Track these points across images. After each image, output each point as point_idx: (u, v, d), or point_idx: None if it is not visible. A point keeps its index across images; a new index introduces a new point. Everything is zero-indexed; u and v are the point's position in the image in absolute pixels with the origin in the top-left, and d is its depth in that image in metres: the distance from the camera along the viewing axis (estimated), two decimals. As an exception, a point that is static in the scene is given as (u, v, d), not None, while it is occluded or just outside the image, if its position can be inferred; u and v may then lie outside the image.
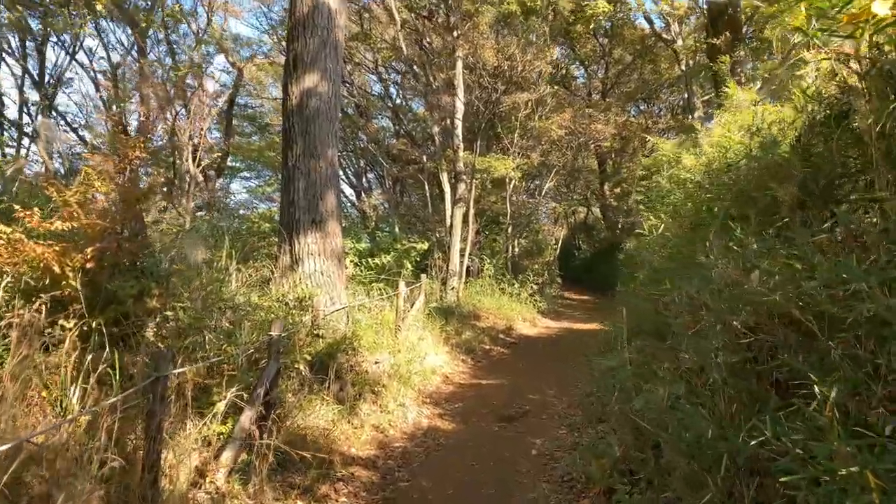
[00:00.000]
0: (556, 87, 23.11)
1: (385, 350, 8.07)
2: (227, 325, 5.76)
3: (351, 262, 11.18)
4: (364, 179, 28.67)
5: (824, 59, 3.26)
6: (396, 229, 17.63)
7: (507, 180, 17.15)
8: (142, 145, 5.21)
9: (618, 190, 25.61)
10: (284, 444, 4.70)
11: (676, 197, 7.14)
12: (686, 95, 25.77)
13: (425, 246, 14.12)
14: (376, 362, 7.76)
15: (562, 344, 12.15)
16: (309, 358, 6.11)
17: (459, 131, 15.31)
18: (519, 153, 16.71)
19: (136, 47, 16.40)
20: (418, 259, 14.17)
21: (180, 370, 4.22)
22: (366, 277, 11.48)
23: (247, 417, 4.50)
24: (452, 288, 14.07)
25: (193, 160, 15.82)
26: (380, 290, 10.07)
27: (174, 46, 18.69)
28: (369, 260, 13.12)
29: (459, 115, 15.04)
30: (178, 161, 16.12)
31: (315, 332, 6.68)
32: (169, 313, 5.17)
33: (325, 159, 7.45)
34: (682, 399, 3.29)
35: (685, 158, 6.52)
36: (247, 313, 6.17)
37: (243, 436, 4.43)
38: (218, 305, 5.95)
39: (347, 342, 7.07)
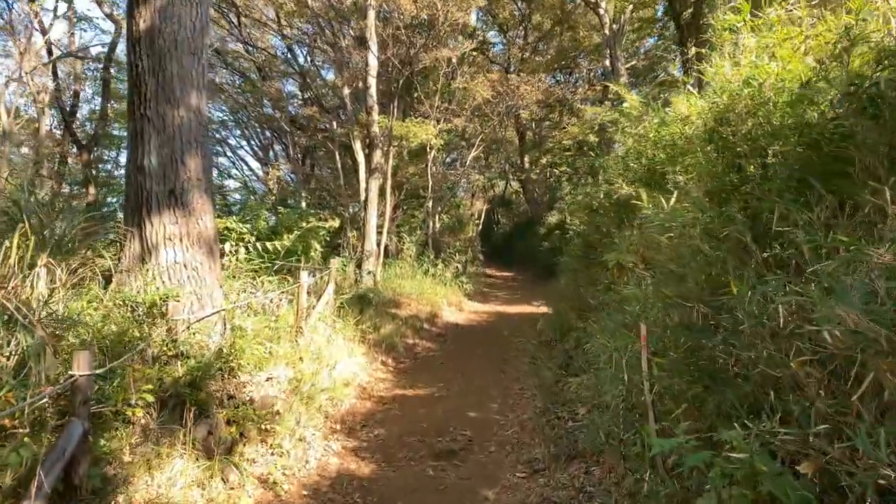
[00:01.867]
0: (475, 53, 21.36)
1: (282, 362, 6.07)
2: (12, 352, 3.61)
3: (243, 245, 8.97)
4: (271, 152, 25.90)
5: None
6: (304, 204, 15.36)
7: (428, 149, 15.22)
8: None
9: (543, 161, 24.18)
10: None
11: (657, 157, 5.48)
12: (609, 62, 24.68)
13: (336, 223, 12.04)
14: (268, 378, 5.77)
15: (495, 333, 10.48)
16: (152, 394, 4.03)
17: (374, 91, 13.19)
18: (441, 118, 14.78)
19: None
20: (328, 239, 12.06)
21: None
22: (261, 265, 9.28)
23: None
24: (369, 272, 12.08)
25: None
26: (278, 281, 7.97)
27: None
28: (268, 243, 10.89)
29: (373, 72, 12.90)
30: None
31: (171, 351, 4.59)
32: None
33: (188, 107, 5.27)
34: None
35: (679, 105, 4.84)
36: (56, 331, 4.02)
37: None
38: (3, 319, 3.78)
39: (222, 361, 5.02)
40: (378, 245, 12.83)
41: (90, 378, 3.28)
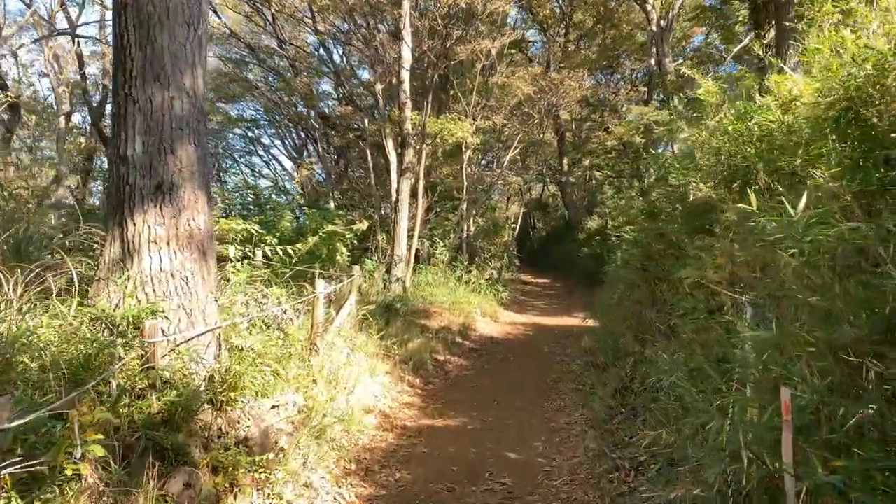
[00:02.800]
0: (514, 51, 20.32)
1: (291, 387, 5.19)
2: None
3: (261, 248, 8.12)
4: (305, 152, 25.26)
5: None
6: (332, 205, 14.54)
7: (464, 148, 14.25)
8: None
9: (585, 163, 22.93)
10: None
11: (743, 153, 4.41)
12: (654, 60, 23.36)
13: (364, 226, 11.16)
14: (273, 407, 4.90)
15: (534, 349, 9.44)
16: (114, 439, 3.15)
17: (406, 86, 12.29)
18: (478, 116, 13.78)
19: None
20: (355, 242, 11.20)
21: None
22: (277, 271, 8.42)
23: None
24: (397, 279, 11.16)
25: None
26: (296, 290, 7.08)
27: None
28: (289, 247, 10.07)
29: (406, 65, 12.00)
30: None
31: (143, 382, 3.71)
32: None
33: (181, 87, 4.40)
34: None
35: (782, 86, 3.78)
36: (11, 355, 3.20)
37: None
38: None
39: (213, 391, 4.13)
40: (408, 249, 11.92)
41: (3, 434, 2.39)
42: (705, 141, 5.28)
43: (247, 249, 7.20)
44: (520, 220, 22.18)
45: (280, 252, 8.10)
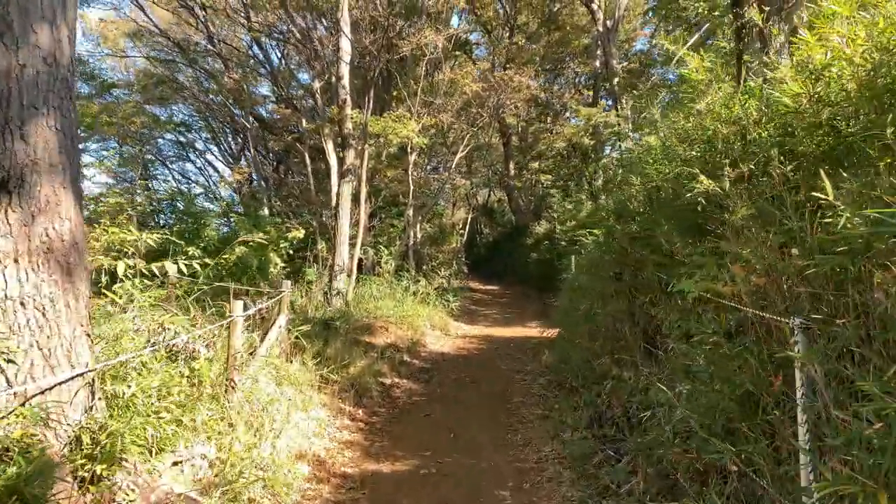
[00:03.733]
0: (459, 53, 19.56)
1: (200, 437, 4.12)
2: None
3: (175, 262, 6.91)
4: (243, 159, 23.72)
5: None
6: (266, 211, 13.31)
7: (409, 150, 13.29)
8: None
9: (535, 164, 22.30)
10: None
11: (756, 136, 3.63)
12: (599, 63, 23.02)
13: (300, 233, 10.03)
14: (175, 463, 3.85)
15: (490, 366, 8.54)
16: None
17: (346, 81, 11.26)
18: (424, 113, 12.85)
19: None
20: (290, 252, 10.07)
21: None
22: (197, 288, 7.24)
23: None
24: (336, 292, 10.09)
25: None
26: (215, 310, 5.95)
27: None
28: (209, 259, 8.89)
29: (346, 57, 10.97)
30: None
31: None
32: None
33: (35, 51, 3.29)
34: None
35: (809, 46, 3.00)
36: None
37: None
38: None
39: (81, 456, 3.04)
40: (350, 258, 10.85)
41: None
42: (695, 127, 4.49)
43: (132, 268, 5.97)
44: (468, 226, 21.38)
45: (198, 265, 6.91)
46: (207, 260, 6.91)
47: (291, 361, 6.55)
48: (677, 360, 3.74)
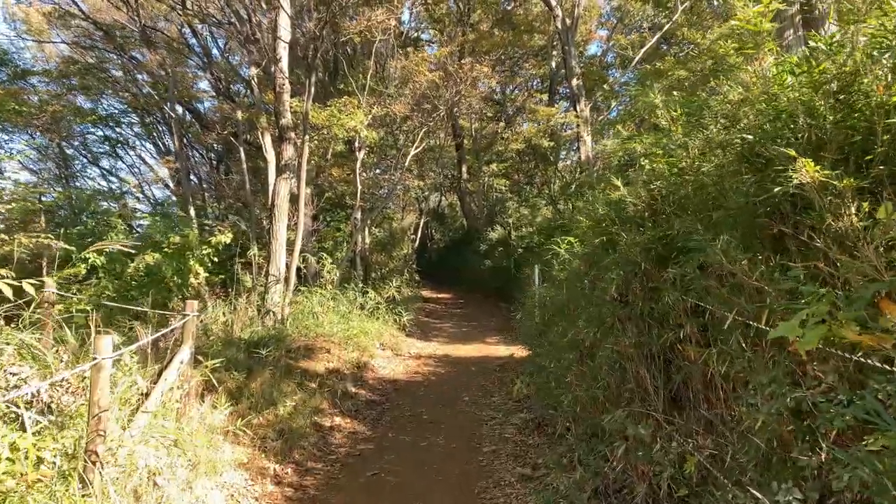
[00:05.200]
0: (411, 49, 18.18)
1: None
2: None
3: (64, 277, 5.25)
4: (184, 163, 21.55)
5: None
6: (192, 211, 11.55)
7: (357, 146, 11.80)
8: None
9: (493, 166, 21.07)
10: None
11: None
12: (554, 64, 22.04)
13: (226, 238, 8.43)
14: None
15: (452, 398, 7.14)
16: None
17: (285, 65, 9.73)
18: (375, 103, 11.37)
19: None
20: (214, 260, 8.44)
21: None
22: (88, 307, 5.60)
23: None
24: (270, 311, 8.52)
25: None
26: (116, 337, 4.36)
27: None
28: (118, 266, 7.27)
29: (285, 35, 9.45)
30: None
31: None
32: None
33: None
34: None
35: None
36: None
37: None
38: None
39: None
40: (288, 268, 9.28)
41: None
42: (747, 99, 3.24)
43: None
44: (419, 231, 20.01)
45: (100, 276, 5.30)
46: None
47: (202, 403, 5.02)
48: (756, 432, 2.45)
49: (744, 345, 2.78)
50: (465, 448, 5.29)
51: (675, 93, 5.54)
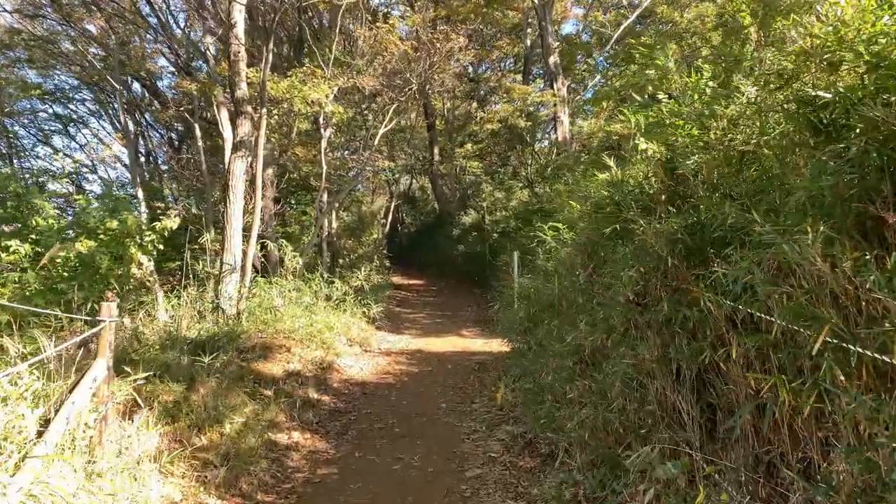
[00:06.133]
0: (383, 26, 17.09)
1: None
2: None
3: None
4: (142, 141, 20.07)
5: None
6: (140, 193, 10.43)
7: (322, 123, 10.80)
8: None
9: (468, 145, 20.15)
10: None
11: None
12: (529, 42, 21.15)
13: (172, 223, 7.42)
14: None
15: (429, 405, 6.33)
16: None
17: (241, 28, 8.70)
18: (341, 75, 10.36)
19: None
20: (157, 247, 7.45)
21: None
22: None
23: None
24: (221, 305, 7.57)
25: None
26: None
27: None
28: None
29: (239, -3, 8.39)
30: None
31: None
32: None
33: None
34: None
35: None
36: None
37: None
38: None
39: None
40: (244, 255, 8.31)
41: None
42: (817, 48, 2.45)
43: None
44: (390, 215, 19.09)
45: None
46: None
47: (129, 424, 4.12)
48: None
49: (841, 375, 2.01)
50: (444, 470, 4.49)
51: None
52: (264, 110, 8.39)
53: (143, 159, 19.31)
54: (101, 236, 6.85)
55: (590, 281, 4.73)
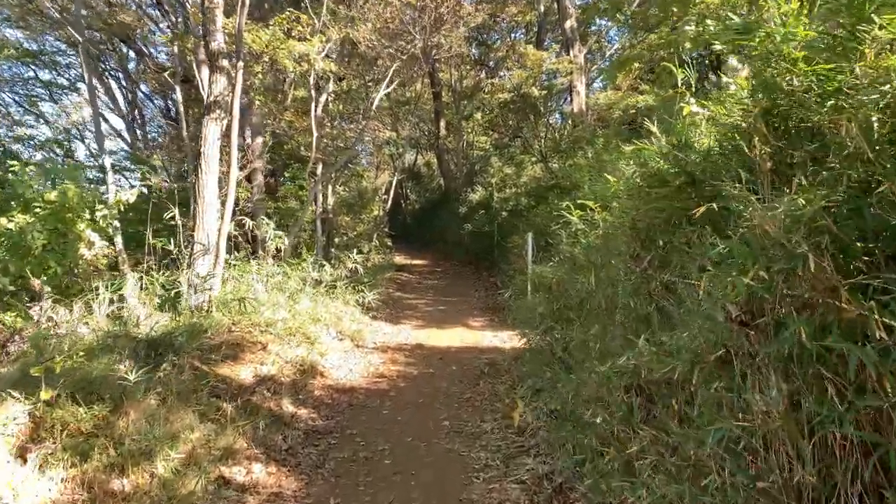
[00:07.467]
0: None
1: None
2: None
3: None
4: (137, 111, 18.76)
5: None
6: (108, 161, 9.13)
7: (313, 85, 9.50)
8: None
9: (476, 117, 18.85)
10: None
11: None
12: (549, 4, 19.59)
13: (129, 196, 6.21)
14: None
15: (431, 425, 5.14)
16: None
17: (213, -31, 7.36)
18: (334, 27, 9.03)
19: None
20: (114, 223, 6.26)
21: None
22: None
23: None
24: (180, 295, 6.40)
25: None
26: None
27: None
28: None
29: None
30: None
31: None
32: None
33: None
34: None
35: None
36: None
37: None
38: None
39: None
40: (219, 234, 7.11)
41: None
42: None
43: None
44: (392, 191, 17.83)
45: None
46: None
47: (24, 463, 2.99)
48: None
49: None
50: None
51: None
52: (241, 63, 7.12)
53: (138, 132, 18.08)
54: (38, 210, 5.65)
55: (644, 277, 3.52)
